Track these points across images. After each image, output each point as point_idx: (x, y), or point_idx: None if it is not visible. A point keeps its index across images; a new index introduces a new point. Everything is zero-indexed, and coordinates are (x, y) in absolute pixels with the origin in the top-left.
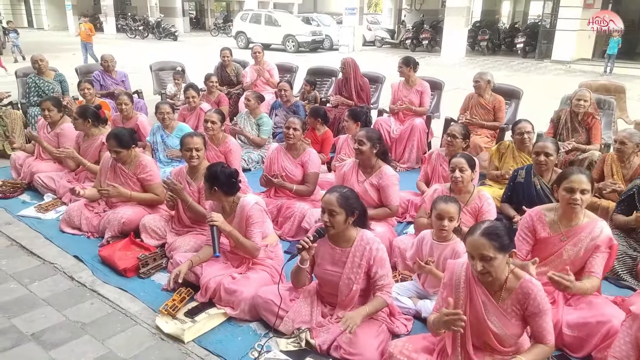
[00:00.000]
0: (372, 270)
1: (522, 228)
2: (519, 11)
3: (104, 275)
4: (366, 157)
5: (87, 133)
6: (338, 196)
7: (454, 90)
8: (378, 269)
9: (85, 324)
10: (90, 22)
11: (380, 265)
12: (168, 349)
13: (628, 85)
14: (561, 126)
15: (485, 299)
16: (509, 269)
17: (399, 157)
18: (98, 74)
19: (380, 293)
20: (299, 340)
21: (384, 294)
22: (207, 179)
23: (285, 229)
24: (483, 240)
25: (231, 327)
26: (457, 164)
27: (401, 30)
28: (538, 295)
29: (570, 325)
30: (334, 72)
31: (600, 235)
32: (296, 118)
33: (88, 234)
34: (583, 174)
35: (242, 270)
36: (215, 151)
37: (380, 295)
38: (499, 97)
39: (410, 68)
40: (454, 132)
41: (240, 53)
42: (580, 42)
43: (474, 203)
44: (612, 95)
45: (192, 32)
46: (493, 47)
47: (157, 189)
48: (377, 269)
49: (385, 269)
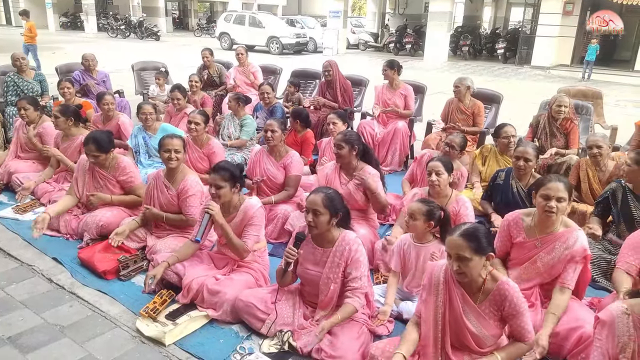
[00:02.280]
0: (347, 270)
1: (499, 232)
2: (500, 17)
3: (84, 278)
4: (347, 160)
5: (66, 133)
6: (323, 197)
7: (437, 94)
8: (352, 270)
9: (64, 326)
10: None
11: (355, 266)
12: (149, 352)
13: (605, 91)
14: (540, 131)
15: (463, 300)
16: (487, 272)
17: (382, 160)
18: (78, 74)
19: (350, 299)
20: (281, 343)
21: (353, 300)
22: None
23: (269, 231)
24: (461, 241)
25: (213, 329)
26: (434, 168)
27: (385, 34)
28: (514, 296)
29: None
30: (318, 74)
31: (574, 245)
32: (274, 120)
33: (67, 235)
34: (561, 182)
35: (226, 271)
36: (199, 153)
37: (349, 302)
38: (478, 103)
39: (395, 71)
40: (454, 144)
41: (224, 54)
42: (559, 48)
43: (451, 206)
44: (589, 101)
45: (175, 32)
46: (474, 52)
47: (138, 190)
48: (352, 270)
49: (359, 272)
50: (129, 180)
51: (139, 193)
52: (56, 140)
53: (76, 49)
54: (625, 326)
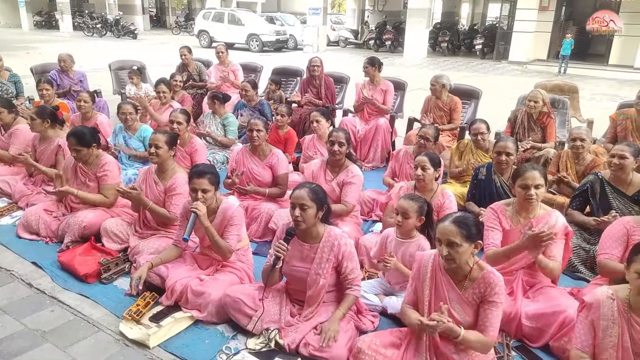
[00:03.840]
0: (343, 264)
1: (489, 220)
2: (478, 13)
3: (64, 282)
4: (341, 158)
5: (43, 135)
6: (308, 190)
7: (417, 90)
8: (348, 262)
9: (46, 332)
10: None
11: (350, 259)
12: (133, 355)
13: (580, 85)
14: (518, 125)
15: (450, 288)
16: (474, 260)
17: (364, 157)
18: (55, 74)
19: (350, 290)
20: (268, 341)
21: (353, 290)
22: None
23: (252, 229)
24: (452, 227)
25: (198, 330)
26: (420, 163)
27: (364, 30)
28: (498, 286)
29: (529, 316)
30: (299, 71)
31: (556, 225)
32: (258, 119)
33: (47, 239)
34: (536, 170)
35: (210, 272)
36: (181, 152)
37: (349, 292)
38: (455, 99)
39: (376, 68)
40: (427, 135)
41: (203, 52)
42: (535, 43)
43: (436, 200)
44: (566, 95)
45: (152, 30)
46: (453, 48)
47: (107, 190)
48: (347, 263)
49: (354, 262)
50: (103, 176)
51: (106, 193)
52: (33, 142)
53: (51, 48)
54: (609, 310)
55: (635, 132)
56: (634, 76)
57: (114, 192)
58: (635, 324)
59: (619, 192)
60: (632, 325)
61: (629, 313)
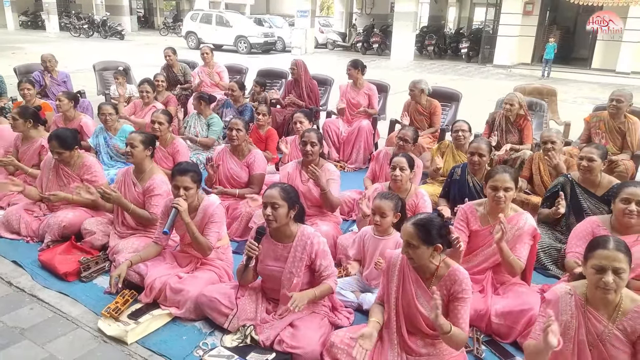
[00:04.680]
0: (317, 263)
1: (458, 221)
2: (464, 17)
3: (44, 280)
4: (315, 158)
5: (26, 135)
6: (279, 190)
7: (402, 92)
8: (321, 261)
9: (25, 329)
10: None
11: (323, 257)
12: (111, 351)
13: (563, 89)
14: (495, 127)
15: (417, 285)
16: (441, 258)
17: (347, 158)
18: (38, 74)
19: (327, 280)
20: (244, 337)
21: (330, 281)
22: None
23: (233, 229)
24: (412, 229)
25: (176, 327)
26: (398, 163)
27: (352, 33)
28: (463, 282)
29: (498, 314)
30: (283, 73)
31: (525, 226)
32: (239, 119)
33: (27, 238)
34: (506, 173)
35: (190, 270)
36: (163, 152)
37: (326, 281)
38: (434, 103)
39: (359, 71)
40: (407, 137)
41: (191, 54)
42: (520, 47)
43: (411, 200)
44: (544, 98)
45: (140, 31)
46: (439, 51)
47: None
48: (321, 261)
49: (327, 260)
50: (93, 179)
51: None
52: (16, 143)
53: (37, 49)
54: (567, 305)
55: (608, 133)
56: (615, 80)
57: None
58: (591, 317)
59: (589, 193)
60: (589, 318)
61: (585, 307)
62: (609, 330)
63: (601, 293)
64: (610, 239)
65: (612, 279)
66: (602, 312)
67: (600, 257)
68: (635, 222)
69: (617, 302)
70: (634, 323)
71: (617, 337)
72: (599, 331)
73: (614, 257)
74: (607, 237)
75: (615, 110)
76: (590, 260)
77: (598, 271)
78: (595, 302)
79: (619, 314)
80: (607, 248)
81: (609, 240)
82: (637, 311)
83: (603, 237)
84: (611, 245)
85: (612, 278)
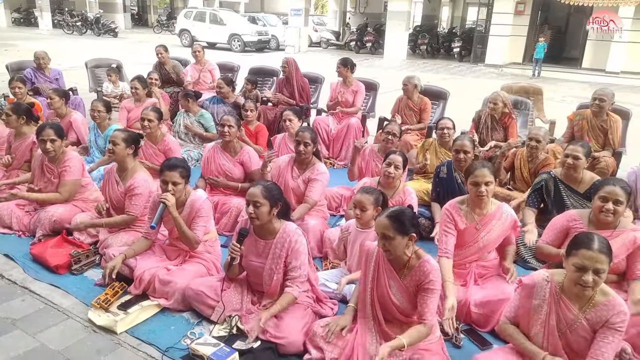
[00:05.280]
0: (287, 260)
1: (444, 223)
2: (457, 16)
3: (36, 273)
4: (307, 157)
5: (18, 131)
6: (262, 188)
7: (394, 91)
8: (292, 259)
9: (16, 319)
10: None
11: (295, 256)
12: (100, 340)
13: (554, 88)
14: (481, 125)
15: (391, 276)
16: (412, 250)
17: (336, 155)
18: (30, 72)
19: (290, 288)
20: (230, 327)
21: (292, 288)
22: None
23: (222, 223)
24: (386, 221)
25: (164, 317)
26: (394, 161)
27: (346, 32)
28: (432, 274)
29: (476, 304)
30: (275, 71)
31: (507, 219)
32: (231, 115)
33: (19, 232)
34: (485, 168)
35: (178, 262)
36: (154, 149)
37: (288, 291)
38: (425, 99)
39: (348, 69)
40: (394, 131)
41: (184, 51)
42: (511, 47)
43: (398, 197)
44: (530, 97)
45: (134, 28)
46: (432, 50)
47: (63, 186)
48: (291, 260)
49: (298, 261)
50: (62, 172)
51: (61, 189)
52: (8, 139)
53: (30, 46)
54: (542, 291)
55: (590, 131)
56: (605, 79)
57: (69, 189)
58: (563, 305)
59: (572, 190)
60: (561, 306)
61: (559, 295)
62: (578, 319)
63: (579, 289)
64: (595, 239)
65: (592, 279)
66: (574, 302)
67: (583, 256)
68: (612, 220)
69: (591, 296)
70: (601, 315)
71: (583, 327)
72: (569, 319)
73: (597, 258)
74: (592, 235)
75: (598, 109)
76: (573, 257)
77: (579, 269)
78: (570, 293)
79: (590, 305)
80: (591, 249)
81: (593, 240)
82: (606, 304)
83: (588, 235)
84: (595, 246)
85: (592, 277)
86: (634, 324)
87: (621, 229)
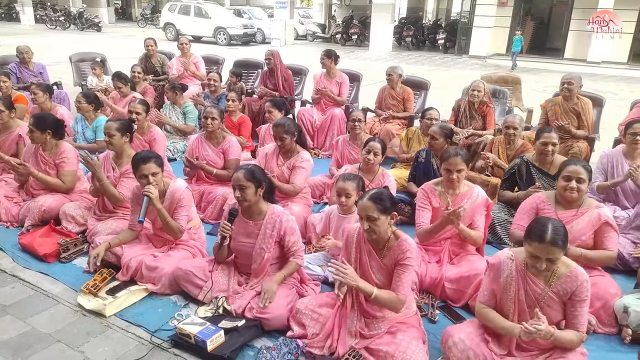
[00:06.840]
0: (285, 239)
1: (420, 200)
2: (442, 8)
3: (25, 262)
4: (288, 147)
5: (4, 125)
6: (244, 172)
7: (379, 83)
8: (290, 237)
9: (7, 305)
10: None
11: (291, 233)
12: (90, 323)
13: (536, 78)
14: (461, 114)
15: (371, 256)
16: (391, 230)
17: (320, 145)
18: (14, 66)
19: (293, 258)
20: (216, 308)
21: (296, 258)
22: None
23: (208, 212)
24: (369, 203)
25: (152, 300)
26: (373, 148)
27: (332, 24)
28: (408, 251)
29: (450, 279)
30: (259, 64)
31: (478, 199)
32: (214, 108)
33: (7, 223)
34: (459, 156)
35: (164, 250)
36: (140, 140)
37: (293, 259)
38: (407, 89)
39: (332, 60)
40: (358, 117)
41: (169, 45)
42: (495, 38)
43: (377, 180)
44: (509, 87)
45: (117, 22)
46: (417, 42)
47: (65, 176)
48: (289, 238)
49: (295, 236)
50: (61, 163)
51: (64, 179)
52: None
53: (12, 41)
54: (508, 269)
55: (564, 115)
56: (586, 69)
57: (71, 179)
58: (530, 281)
59: (543, 172)
60: (527, 282)
61: (525, 272)
62: (545, 292)
63: (535, 271)
64: (548, 229)
65: (545, 265)
66: (539, 277)
67: (536, 249)
68: (576, 197)
69: (553, 270)
70: (567, 286)
71: (552, 299)
72: (537, 294)
73: (548, 251)
74: (546, 225)
75: (568, 92)
76: (528, 246)
77: (533, 257)
78: (533, 270)
79: (554, 278)
80: (543, 241)
81: (546, 232)
82: (569, 276)
83: (542, 225)
84: (548, 239)
85: (545, 264)
86: (599, 297)
87: (585, 207)
